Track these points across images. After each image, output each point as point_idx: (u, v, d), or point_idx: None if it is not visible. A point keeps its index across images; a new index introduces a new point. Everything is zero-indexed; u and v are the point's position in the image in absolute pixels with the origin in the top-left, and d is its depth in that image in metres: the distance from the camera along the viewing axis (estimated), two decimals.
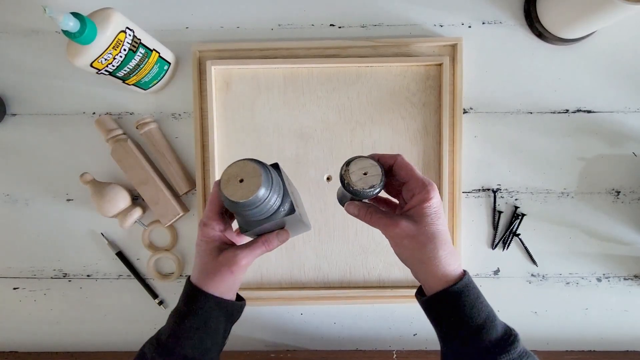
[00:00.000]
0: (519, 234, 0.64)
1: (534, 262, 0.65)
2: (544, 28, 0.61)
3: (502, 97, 0.64)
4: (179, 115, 0.65)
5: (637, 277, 0.65)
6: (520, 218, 0.64)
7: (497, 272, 0.65)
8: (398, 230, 0.40)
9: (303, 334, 0.67)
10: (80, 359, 0.65)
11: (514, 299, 0.65)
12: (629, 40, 0.63)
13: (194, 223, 0.65)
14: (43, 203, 0.65)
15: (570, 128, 0.64)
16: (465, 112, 0.64)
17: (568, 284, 0.65)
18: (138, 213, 0.62)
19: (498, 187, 0.64)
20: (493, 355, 0.38)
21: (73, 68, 0.63)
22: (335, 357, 0.65)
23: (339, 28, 0.64)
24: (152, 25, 0.62)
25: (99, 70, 0.53)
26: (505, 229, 0.64)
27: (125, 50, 0.52)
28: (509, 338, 0.39)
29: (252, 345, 0.67)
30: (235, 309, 0.45)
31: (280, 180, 0.39)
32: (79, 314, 0.67)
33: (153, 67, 0.58)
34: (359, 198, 0.41)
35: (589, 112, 0.64)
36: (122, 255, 0.65)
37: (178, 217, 0.62)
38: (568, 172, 0.64)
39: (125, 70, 0.55)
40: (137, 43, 0.54)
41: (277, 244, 0.43)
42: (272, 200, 0.36)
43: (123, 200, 0.61)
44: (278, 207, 0.38)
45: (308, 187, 0.63)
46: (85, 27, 0.46)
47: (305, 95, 0.63)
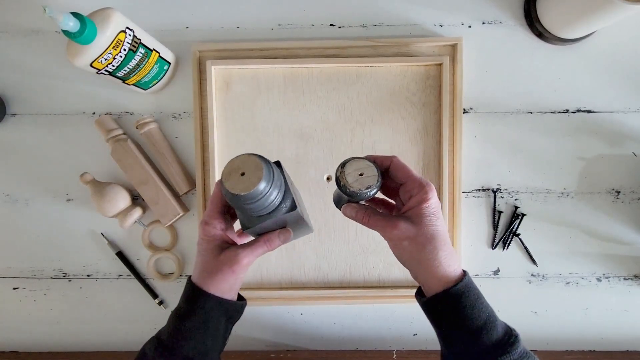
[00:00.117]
0: (519, 234, 0.64)
1: (534, 262, 0.65)
2: (544, 28, 0.61)
3: (502, 97, 0.64)
4: (179, 115, 0.65)
5: (637, 277, 0.65)
6: (520, 218, 0.64)
7: (497, 272, 0.65)
8: (397, 232, 0.39)
9: (303, 334, 0.67)
10: (80, 359, 0.65)
11: (514, 299, 0.65)
12: (629, 40, 0.63)
13: (194, 223, 0.65)
14: (43, 203, 0.65)
15: (570, 128, 0.64)
16: (465, 112, 0.64)
17: (568, 284, 0.65)
18: (138, 213, 0.62)
19: (498, 187, 0.64)
20: (494, 356, 0.38)
21: (73, 68, 0.62)
22: (335, 357, 0.65)
23: (339, 28, 0.64)
24: (152, 25, 0.62)
25: (99, 70, 0.53)
26: (505, 229, 0.64)
27: (125, 50, 0.52)
28: (510, 338, 0.39)
29: (252, 345, 0.67)
30: (236, 309, 0.45)
31: (282, 177, 0.39)
32: (79, 314, 0.67)
33: (153, 67, 0.58)
34: (356, 200, 0.41)
35: (589, 112, 0.64)
36: (122, 255, 0.65)
37: (178, 217, 0.62)
38: (568, 172, 0.64)
39: (125, 70, 0.55)
40: (137, 43, 0.54)
41: (278, 244, 0.42)
42: (272, 195, 0.36)
43: (123, 200, 0.61)
44: (279, 203, 0.38)
45: (308, 187, 0.63)
46: (85, 27, 0.46)
47: (305, 95, 0.63)
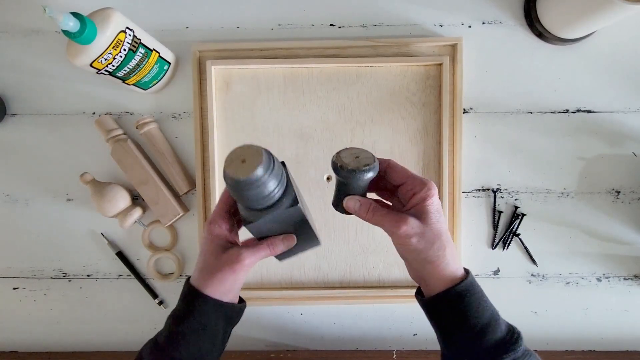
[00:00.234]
0: (519, 234, 0.64)
1: (534, 262, 0.65)
2: (544, 28, 0.61)
3: (502, 97, 0.64)
4: (179, 115, 0.65)
5: (637, 277, 0.65)
6: (520, 218, 0.64)
7: (497, 272, 0.65)
8: (406, 228, 0.38)
9: (303, 334, 0.67)
10: (80, 359, 0.65)
11: (514, 299, 0.65)
12: (629, 40, 0.63)
13: (194, 223, 0.65)
14: (43, 203, 0.65)
15: (570, 128, 0.64)
16: (465, 112, 0.64)
17: (568, 284, 0.65)
18: (138, 213, 0.62)
19: (498, 187, 0.64)
20: (498, 355, 0.37)
21: (73, 68, 0.63)
22: (335, 357, 0.65)
23: (339, 28, 0.64)
24: (152, 25, 0.62)
25: (99, 70, 0.53)
26: (505, 229, 0.64)
27: (125, 50, 0.52)
28: (513, 337, 0.38)
29: (252, 345, 0.67)
30: (235, 312, 0.44)
31: (284, 172, 0.38)
32: (79, 314, 0.67)
33: (153, 67, 0.58)
34: (355, 186, 0.39)
35: (589, 112, 0.64)
36: (122, 255, 0.65)
37: (178, 217, 0.62)
38: (568, 172, 0.64)
39: (125, 70, 0.55)
40: (137, 43, 0.54)
41: (282, 249, 0.42)
42: (271, 183, 0.36)
43: (123, 200, 0.61)
44: (280, 197, 0.38)
45: (308, 187, 0.63)
46: (85, 27, 0.46)
47: (305, 95, 0.63)
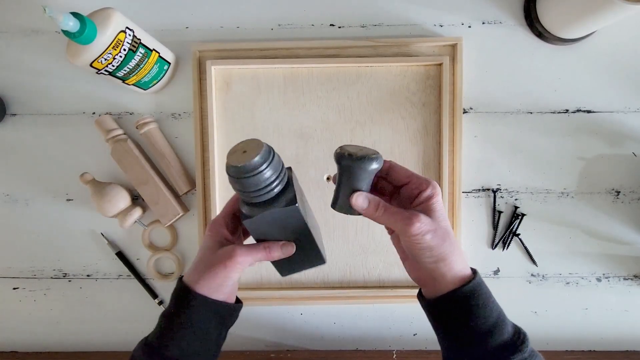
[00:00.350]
0: (519, 234, 0.64)
1: (534, 262, 0.65)
2: (544, 28, 0.61)
3: (502, 97, 0.64)
4: (179, 115, 0.65)
5: (637, 277, 0.65)
6: (520, 218, 0.64)
7: (497, 272, 0.65)
8: (420, 225, 0.36)
9: (303, 334, 0.67)
10: (81, 359, 0.65)
11: (514, 299, 0.65)
12: (629, 40, 0.63)
13: (194, 223, 0.65)
14: (43, 203, 0.65)
15: (570, 128, 0.64)
16: (465, 112, 0.64)
17: (568, 284, 0.65)
18: (138, 213, 0.62)
19: (498, 187, 0.64)
20: (506, 356, 0.36)
21: (73, 68, 0.63)
22: (335, 357, 0.65)
23: (339, 28, 0.64)
24: (152, 25, 0.62)
25: (99, 70, 0.53)
26: (505, 229, 0.64)
27: (125, 50, 0.52)
28: (520, 337, 0.38)
29: (252, 345, 0.67)
30: (228, 311, 0.42)
31: (285, 169, 0.39)
32: (79, 314, 0.67)
33: (153, 67, 0.58)
34: (360, 178, 0.38)
35: (589, 112, 0.64)
36: (122, 255, 0.65)
37: (178, 217, 0.62)
38: (568, 172, 0.64)
39: (125, 70, 0.55)
40: (137, 43, 0.54)
41: (278, 254, 0.40)
42: (268, 173, 0.36)
43: (123, 200, 0.61)
44: (279, 195, 0.38)
45: (308, 187, 0.63)
46: (85, 27, 0.46)
47: (305, 95, 0.63)
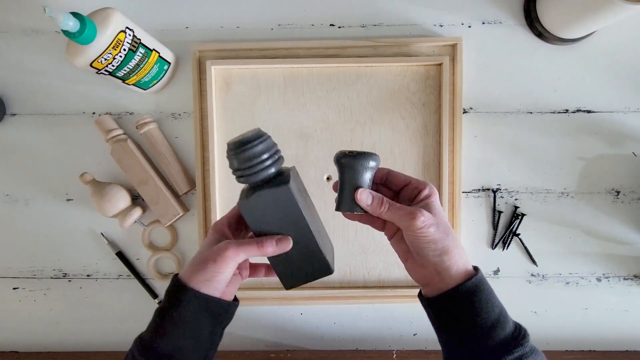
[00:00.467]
0: (519, 234, 0.64)
1: (534, 262, 0.65)
2: (544, 28, 0.61)
3: (502, 97, 0.64)
4: (179, 115, 0.65)
5: (637, 277, 0.65)
6: (520, 218, 0.64)
7: (497, 272, 0.65)
8: (423, 218, 0.38)
9: (303, 334, 0.67)
10: (80, 359, 0.65)
11: (514, 299, 0.65)
12: (629, 40, 0.63)
13: (194, 223, 0.65)
14: (43, 203, 0.65)
15: (570, 128, 0.64)
16: (465, 112, 0.64)
17: (568, 284, 0.65)
18: (138, 213, 0.62)
19: (498, 187, 0.64)
20: (507, 350, 0.37)
21: (73, 68, 0.63)
22: (335, 357, 0.65)
23: (339, 28, 0.64)
24: (152, 25, 0.62)
25: (99, 70, 0.53)
26: (505, 229, 0.64)
27: (125, 50, 0.52)
28: (520, 332, 0.38)
29: (252, 345, 0.67)
30: (220, 308, 0.41)
31: (278, 151, 0.40)
32: (79, 314, 0.67)
33: (153, 67, 0.58)
34: (360, 176, 0.40)
35: (589, 112, 0.64)
36: (122, 255, 0.65)
37: (178, 217, 0.62)
38: (568, 172, 0.64)
39: (125, 70, 0.55)
40: (137, 43, 0.54)
41: (272, 250, 0.39)
42: (260, 148, 0.37)
43: (123, 200, 0.61)
44: (274, 178, 0.39)
45: (308, 187, 0.63)
46: (85, 27, 0.46)
47: (305, 95, 0.63)
